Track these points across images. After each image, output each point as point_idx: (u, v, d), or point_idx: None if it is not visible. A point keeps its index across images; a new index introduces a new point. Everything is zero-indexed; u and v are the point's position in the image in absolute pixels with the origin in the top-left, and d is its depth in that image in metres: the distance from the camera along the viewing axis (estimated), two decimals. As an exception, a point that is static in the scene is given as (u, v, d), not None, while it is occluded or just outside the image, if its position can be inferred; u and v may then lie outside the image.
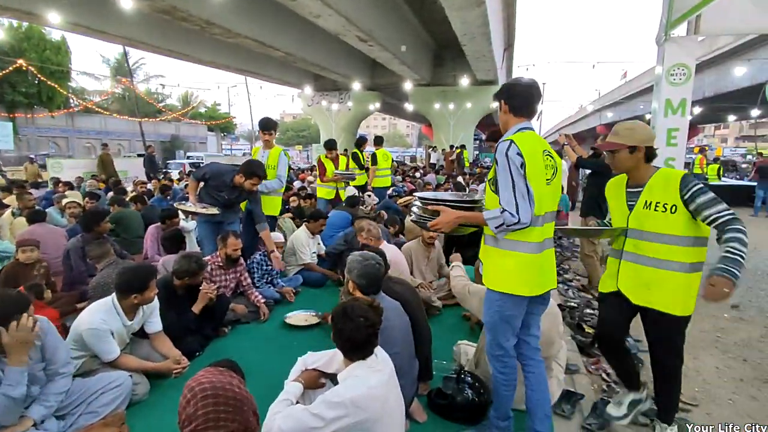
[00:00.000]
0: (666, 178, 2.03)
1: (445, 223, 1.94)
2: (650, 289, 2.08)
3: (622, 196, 2.19)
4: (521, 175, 1.79)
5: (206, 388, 1.29)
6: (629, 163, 2.10)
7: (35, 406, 2.01)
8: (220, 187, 3.91)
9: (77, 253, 4.22)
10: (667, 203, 1.99)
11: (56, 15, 8.07)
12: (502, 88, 2.03)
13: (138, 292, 2.53)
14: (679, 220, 1.98)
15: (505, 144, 1.83)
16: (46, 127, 25.25)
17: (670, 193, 1.99)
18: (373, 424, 1.55)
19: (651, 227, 2.05)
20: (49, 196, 8.10)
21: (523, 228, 1.81)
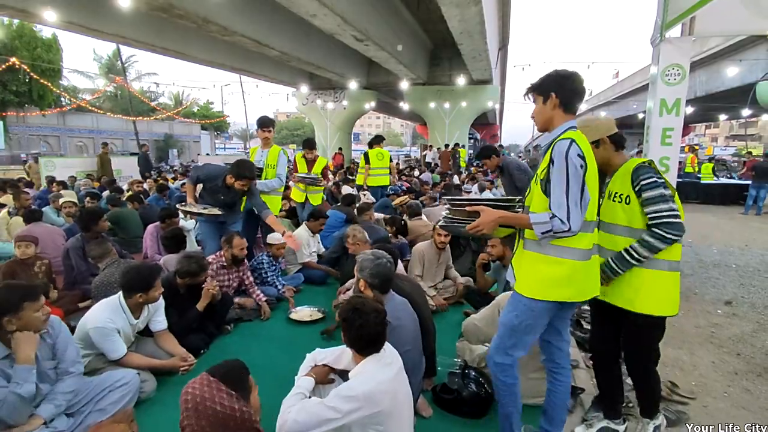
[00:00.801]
0: (626, 169, 1.99)
1: (487, 223, 1.80)
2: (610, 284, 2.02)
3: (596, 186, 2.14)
4: (579, 179, 1.67)
5: (188, 401, 1.35)
6: (599, 156, 1.99)
7: (45, 404, 2.02)
8: (216, 189, 3.91)
9: (77, 253, 4.21)
10: (623, 194, 1.96)
11: (52, 13, 8.00)
12: (550, 77, 1.82)
13: (143, 291, 2.55)
14: (633, 211, 1.93)
15: (564, 143, 1.69)
16: (36, 126, 24.92)
17: (626, 183, 1.95)
18: (385, 417, 1.59)
19: (611, 218, 2.01)
20: (43, 195, 8.05)
21: (572, 236, 1.70)
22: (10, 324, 1.91)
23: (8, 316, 1.90)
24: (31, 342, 1.93)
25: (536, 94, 1.85)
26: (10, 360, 1.94)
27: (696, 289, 4.85)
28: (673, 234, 1.85)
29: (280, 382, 2.47)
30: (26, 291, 1.97)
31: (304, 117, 58.95)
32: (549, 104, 1.81)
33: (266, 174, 4.66)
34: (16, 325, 1.92)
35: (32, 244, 3.88)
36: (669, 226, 1.84)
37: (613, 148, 2.06)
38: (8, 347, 1.93)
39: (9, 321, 1.91)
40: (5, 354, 1.93)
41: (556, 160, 1.68)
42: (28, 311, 1.93)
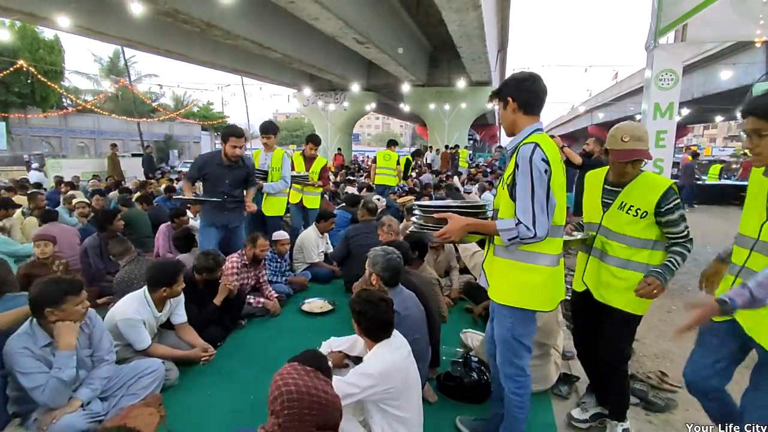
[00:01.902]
0: (649, 185, 2.00)
1: (454, 231, 1.75)
2: (610, 286, 2.09)
3: (598, 191, 2.16)
4: (544, 184, 1.65)
5: (292, 391, 1.35)
6: (637, 168, 2.06)
7: (82, 388, 2.20)
8: (217, 176, 3.90)
9: (95, 252, 4.39)
10: (641, 208, 1.98)
11: (65, 18, 8.19)
12: (507, 83, 1.82)
13: (167, 285, 2.73)
14: (645, 224, 1.99)
15: (528, 147, 1.66)
16: (39, 127, 25.13)
17: (648, 200, 1.96)
18: (397, 393, 1.79)
19: (619, 228, 2.05)
20: (52, 196, 8.21)
21: (539, 241, 1.69)
22: (52, 315, 2.08)
23: (51, 307, 2.07)
24: (72, 330, 2.10)
25: (498, 100, 1.87)
26: (51, 348, 2.11)
27: (689, 286, 5.03)
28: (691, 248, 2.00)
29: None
30: (70, 286, 2.14)
31: (303, 118, 59.00)
32: (509, 109, 1.81)
33: (271, 177, 4.74)
34: (57, 316, 2.09)
35: (50, 243, 3.99)
36: (689, 242, 1.98)
37: None
38: (50, 336, 2.10)
39: (51, 312, 2.08)
40: (47, 342, 2.10)
41: (521, 164, 1.66)
42: (70, 304, 2.10)
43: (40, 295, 2.09)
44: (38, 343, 2.08)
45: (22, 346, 2.02)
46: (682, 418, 2.56)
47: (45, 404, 2.05)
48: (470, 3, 9.29)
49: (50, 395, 2.03)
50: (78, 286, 2.16)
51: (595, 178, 2.22)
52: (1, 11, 9.12)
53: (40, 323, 2.11)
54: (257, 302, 3.77)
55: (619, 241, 2.06)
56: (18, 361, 2.00)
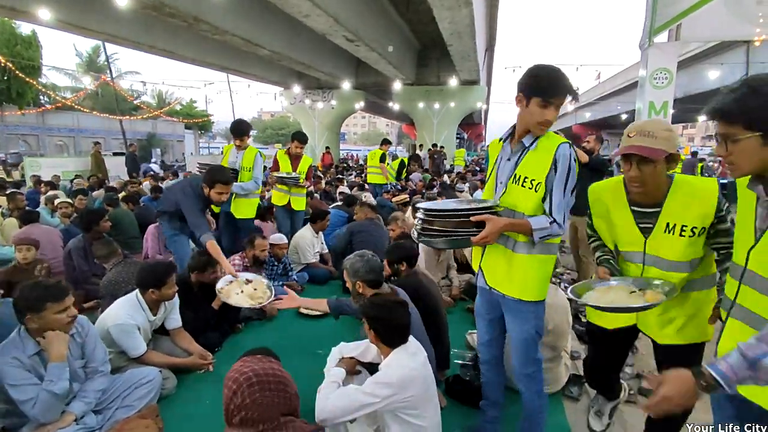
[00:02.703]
0: (693, 193, 1.63)
1: (495, 233, 1.67)
2: (674, 322, 1.77)
3: (626, 214, 1.76)
4: (573, 184, 1.70)
5: (250, 377, 1.34)
6: (662, 176, 1.64)
7: (76, 402, 2.06)
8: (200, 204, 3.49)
9: (79, 253, 4.20)
10: (696, 226, 1.61)
11: (45, 12, 7.85)
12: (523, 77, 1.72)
13: (155, 287, 2.59)
14: (699, 243, 1.66)
15: (567, 147, 1.68)
16: (14, 125, 24.25)
17: (701, 213, 1.61)
18: (417, 401, 1.70)
19: (672, 255, 1.68)
20: (31, 196, 7.90)
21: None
22: (32, 322, 1.94)
23: (30, 314, 1.93)
24: (62, 340, 1.96)
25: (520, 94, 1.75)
26: (40, 357, 1.97)
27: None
28: None
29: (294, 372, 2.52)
30: (49, 291, 1.97)
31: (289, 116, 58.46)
32: (522, 105, 1.75)
33: (242, 177, 4.45)
34: (38, 324, 1.95)
35: (33, 248, 3.77)
36: None
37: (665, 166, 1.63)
38: (38, 344, 1.96)
39: (30, 319, 1.94)
40: (36, 351, 1.96)
41: (562, 163, 1.66)
42: (49, 311, 1.95)
43: (21, 300, 1.95)
44: (27, 351, 1.94)
45: (10, 356, 1.88)
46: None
47: (36, 418, 1.91)
48: (462, 0, 9.26)
49: (42, 409, 1.89)
50: (60, 292, 2.00)
51: (613, 197, 1.80)
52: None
53: (28, 331, 1.97)
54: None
55: (674, 270, 1.70)
56: (7, 373, 1.86)
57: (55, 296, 1.97)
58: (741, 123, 1.15)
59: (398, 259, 2.84)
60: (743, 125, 1.14)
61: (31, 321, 1.94)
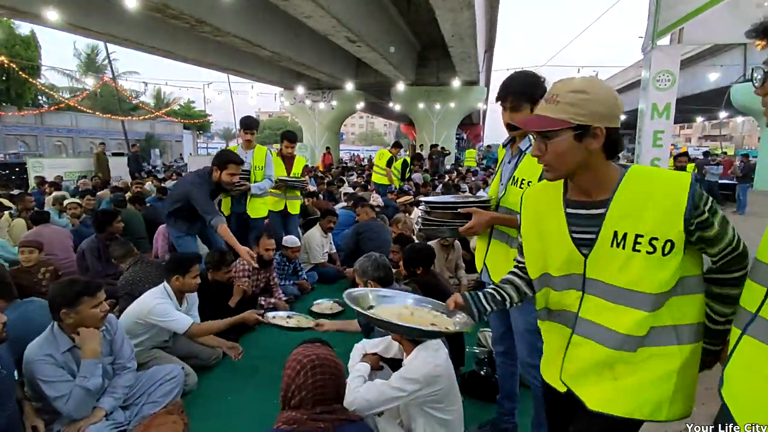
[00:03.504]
0: (651, 189, 1.11)
1: (481, 225, 1.82)
2: (617, 380, 1.17)
3: (559, 217, 1.24)
4: None
5: (314, 359, 1.41)
6: (575, 158, 1.13)
7: (105, 397, 2.11)
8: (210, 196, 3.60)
9: (93, 254, 4.24)
10: (657, 237, 1.08)
11: (50, 13, 7.87)
12: (536, 86, 1.76)
13: (180, 273, 2.68)
14: (672, 265, 1.09)
15: None
16: (13, 125, 24.15)
17: (663, 217, 1.08)
18: (443, 395, 1.78)
19: (624, 280, 1.13)
20: (35, 197, 7.92)
21: None
22: (68, 317, 2.00)
23: (66, 309, 1.99)
24: (96, 337, 2.02)
25: (523, 101, 1.78)
26: (72, 354, 2.02)
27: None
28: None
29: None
30: (85, 287, 2.04)
31: (287, 117, 58.31)
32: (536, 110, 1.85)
33: (254, 176, 4.37)
34: (73, 319, 2.00)
35: (36, 250, 3.72)
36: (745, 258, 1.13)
37: (605, 154, 1.15)
38: (72, 341, 2.01)
39: (66, 314, 2.00)
40: (69, 347, 2.02)
41: None
42: (85, 306, 2.01)
43: (57, 296, 2.01)
44: (60, 348, 2.00)
45: (44, 353, 1.93)
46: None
47: (69, 414, 1.96)
48: (464, 2, 9.33)
49: (75, 405, 1.94)
50: (94, 287, 2.07)
51: (545, 199, 1.30)
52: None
53: (61, 327, 2.03)
54: (267, 303, 3.70)
55: (632, 303, 1.13)
56: (40, 369, 1.91)
57: (89, 291, 2.03)
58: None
59: (415, 262, 2.92)
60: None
61: (66, 316, 2.00)
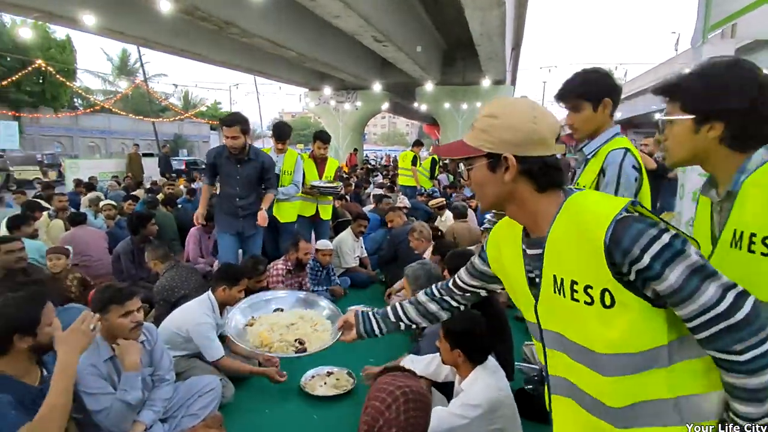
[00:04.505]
0: (577, 224, 0.89)
1: None
2: None
3: (517, 256, 1.06)
4: (629, 194, 1.53)
5: (407, 392, 1.32)
6: (494, 190, 0.98)
7: (145, 411, 2.05)
8: (227, 171, 3.55)
9: (128, 257, 4.26)
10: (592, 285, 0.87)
11: (86, 17, 8.07)
12: (603, 82, 1.64)
13: (228, 284, 2.62)
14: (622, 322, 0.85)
15: (619, 153, 1.55)
16: (49, 127, 25.16)
17: (588, 261, 0.87)
18: (506, 421, 1.65)
19: (579, 335, 0.93)
20: (71, 197, 8.12)
21: None
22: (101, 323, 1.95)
23: (98, 314, 1.92)
24: (136, 350, 1.96)
25: (583, 100, 1.64)
26: (113, 363, 1.98)
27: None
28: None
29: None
30: (114, 294, 1.98)
31: (310, 117, 58.74)
32: (600, 110, 1.64)
33: (282, 180, 4.24)
34: (104, 326, 1.95)
35: (63, 256, 3.69)
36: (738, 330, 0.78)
37: (534, 187, 0.95)
38: (113, 350, 1.98)
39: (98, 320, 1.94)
40: (109, 356, 1.97)
41: (609, 171, 1.56)
42: (113, 314, 1.95)
43: (93, 300, 2.01)
44: (102, 355, 1.95)
45: (89, 363, 1.88)
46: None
47: (108, 429, 1.90)
48: (494, 1, 9.10)
49: (115, 419, 1.89)
50: (125, 295, 1.98)
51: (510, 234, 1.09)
52: (18, 9, 9.05)
53: (103, 335, 1.99)
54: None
55: (594, 365, 0.91)
56: (84, 381, 1.86)
57: (118, 299, 1.96)
58: (678, 102, 1.02)
59: (457, 267, 2.78)
60: (679, 105, 1.01)
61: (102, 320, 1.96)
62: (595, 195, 0.95)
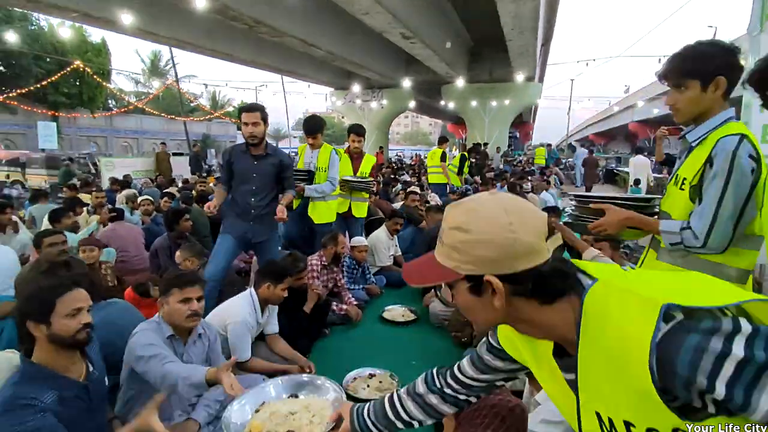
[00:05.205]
0: (607, 351, 0.68)
1: (611, 224, 1.57)
2: None
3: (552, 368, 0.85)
4: (743, 187, 1.35)
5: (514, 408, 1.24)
6: (486, 314, 0.80)
7: (200, 410, 2.00)
8: (242, 168, 3.13)
9: (165, 252, 4.26)
10: (657, 428, 0.66)
11: (127, 17, 8.27)
12: (719, 58, 1.41)
13: (273, 282, 2.55)
14: None
15: (732, 139, 1.35)
16: (86, 127, 26.11)
17: (641, 404, 0.65)
18: None
19: None
20: (108, 195, 8.31)
21: (715, 253, 1.40)
22: (161, 305, 1.97)
23: (161, 296, 1.97)
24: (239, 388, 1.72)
25: (690, 78, 1.44)
26: (174, 340, 1.96)
27: None
28: None
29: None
30: (178, 277, 1.99)
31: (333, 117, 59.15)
32: (711, 90, 1.42)
33: (318, 178, 3.99)
34: (164, 308, 1.95)
35: (96, 248, 3.65)
36: None
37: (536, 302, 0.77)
38: (173, 330, 1.96)
39: (160, 302, 1.98)
40: (170, 333, 1.95)
41: (718, 161, 1.37)
42: (173, 297, 1.93)
43: (160, 284, 2.04)
44: (164, 333, 1.93)
45: (149, 341, 1.84)
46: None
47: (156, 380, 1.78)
48: (528, -8, 8.87)
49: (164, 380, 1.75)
50: (187, 281, 1.96)
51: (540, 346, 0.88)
52: (56, 11, 9.34)
53: (164, 318, 1.98)
54: (340, 309, 3.53)
55: None
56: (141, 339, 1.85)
57: (179, 283, 1.94)
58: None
59: None
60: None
61: (160, 304, 1.98)
62: (617, 293, 0.69)
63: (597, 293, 0.71)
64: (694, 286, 0.70)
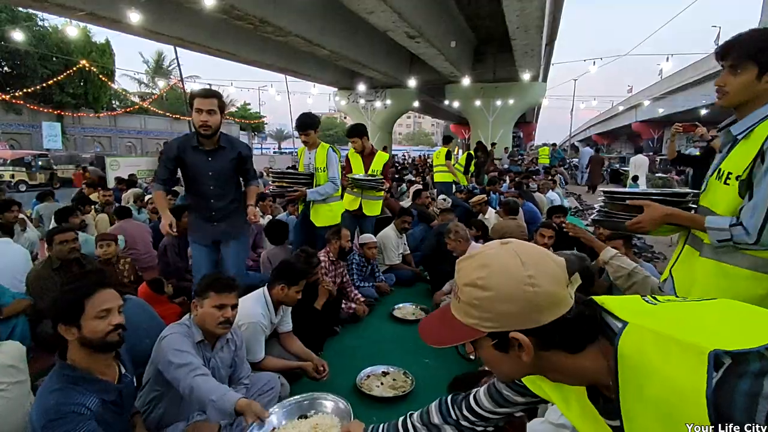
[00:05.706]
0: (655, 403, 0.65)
1: (650, 221, 1.50)
2: None
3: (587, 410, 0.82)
4: None
5: None
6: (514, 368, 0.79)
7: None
8: (195, 166, 2.73)
9: (173, 250, 4.25)
10: None
11: (130, 16, 8.27)
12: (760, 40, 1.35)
13: (287, 283, 2.48)
14: None
15: None
16: (91, 127, 26.21)
17: None
18: None
19: None
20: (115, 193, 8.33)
21: (765, 250, 1.34)
22: (195, 308, 1.93)
23: (196, 298, 1.94)
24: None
25: (749, 61, 1.35)
26: (203, 347, 1.93)
27: None
28: None
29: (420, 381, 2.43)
30: (215, 280, 1.94)
31: (336, 117, 59.15)
32: (765, 80, 1.35)
33: (318, 179, 3.80)
34: (198, 312, 1.91)
35: (113, 243, 3.67)
36: None
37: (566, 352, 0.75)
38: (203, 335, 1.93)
39: (194, 305, 1.94)
40: (201, 338, 1.91)
41: None
42: (209, 301, 1.89)
43: (198, 284, 1.99)
44: (194, 338, 1.89)
45: (180, 347, 1.81)
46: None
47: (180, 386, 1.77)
48: (534, -10, 8.84)
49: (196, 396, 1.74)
50: (224, 285, 1.92)
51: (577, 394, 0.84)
52: (63, 10, 9.35)
53: (197, 321, 1.95)
54: (348, 308, 3.51)
55: None
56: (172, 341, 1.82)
57: (216, 287, 1.91)
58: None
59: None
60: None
61: (194, 307, 1.94)
62: (652, 337, 0.66)
63: (631, 339, 0.69)
64: (729, 321, 0.68)
